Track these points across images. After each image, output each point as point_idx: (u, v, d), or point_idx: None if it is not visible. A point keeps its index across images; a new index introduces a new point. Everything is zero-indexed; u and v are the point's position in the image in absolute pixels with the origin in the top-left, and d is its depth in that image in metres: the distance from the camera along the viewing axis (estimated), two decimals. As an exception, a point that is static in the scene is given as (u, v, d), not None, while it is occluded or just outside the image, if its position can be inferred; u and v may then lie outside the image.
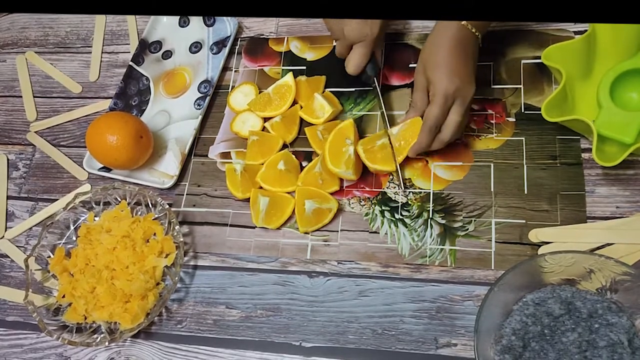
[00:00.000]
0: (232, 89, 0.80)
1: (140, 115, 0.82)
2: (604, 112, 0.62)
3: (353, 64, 0.70)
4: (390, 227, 0.67)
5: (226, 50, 0.82)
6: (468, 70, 0.64)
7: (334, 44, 0.80)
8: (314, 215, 0.68)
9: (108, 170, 0.78)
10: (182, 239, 0.69)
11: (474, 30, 0.65)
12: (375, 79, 0.72)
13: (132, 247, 0.69)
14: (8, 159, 0.85)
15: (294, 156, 0.72)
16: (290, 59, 0.81)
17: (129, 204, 0.74)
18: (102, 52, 0.90)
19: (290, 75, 0.76)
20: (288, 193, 0.71)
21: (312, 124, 0.74)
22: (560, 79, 0.63)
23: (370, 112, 0.74)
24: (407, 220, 0.67)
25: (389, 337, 0.62)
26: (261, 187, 0.72)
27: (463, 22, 0.64)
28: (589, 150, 0.65)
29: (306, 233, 0.69)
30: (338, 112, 0.75)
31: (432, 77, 0.64)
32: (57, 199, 0.80)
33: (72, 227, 0.74)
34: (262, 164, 0.73)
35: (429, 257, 0.65)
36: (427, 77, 0.65)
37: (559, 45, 0.65)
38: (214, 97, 0.81)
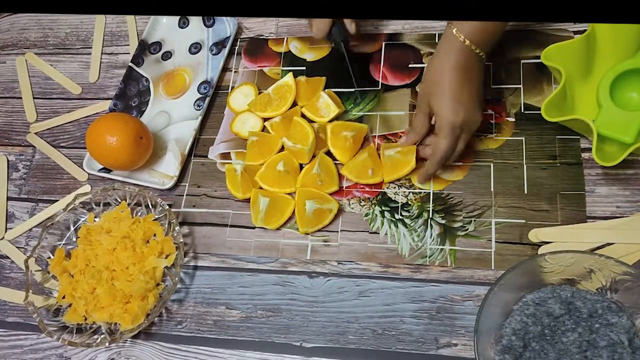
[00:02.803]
0: (231, 89, 0.80)
1: (140, 116, 0.82)
2: (604, 112, 0.62)
3: (315, 27, 0.69)
4: (390, 227, 0.67)
5: (226, 51, 0.82)
6: (473, 98, 0.62)
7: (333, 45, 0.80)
8: (314, 215, 0.68)
9: (108, 171, 0.78)
10: (182, 240, 0.69)
11: (477, 51, 0.62)
12: (342, 44, 0.71)
13: (132, 248, 0.69)
14: (8, 160, 0.85)
15: (294, 158, 0.72)
16: (289, 59, 0.81)
17: (129, 204, 0.74)
18: (101, 53, 0.90)
19: (290, 76, 0.76)
20: (288, 194, 0.71)
21: (314, 122, 0.74)
22: (560, 79, 0.63)
23: (370, 113, 0.74)
24: (407, 221, 0.67)
25: (389, 337, 0.62)
26: (261, 188, 0.72)
27: (466, 43, 0.61)
28: (589, 150, 0.65)
29: (306, 234, 0.69)
30: (341, 113, 0.75)
31: (436, 108, 0.62)
32: (57, 200, 0.80)
33: (72, 228, 0.74)
34: (262, 164, 0.73)
35: (429, 257, 0.65)
36: (431, 106, 0.63)
37: (558, 45, 0.65)
38: (213, 97, 0.81)
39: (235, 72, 0.82)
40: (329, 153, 0.72)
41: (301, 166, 0.72)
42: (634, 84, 0.64)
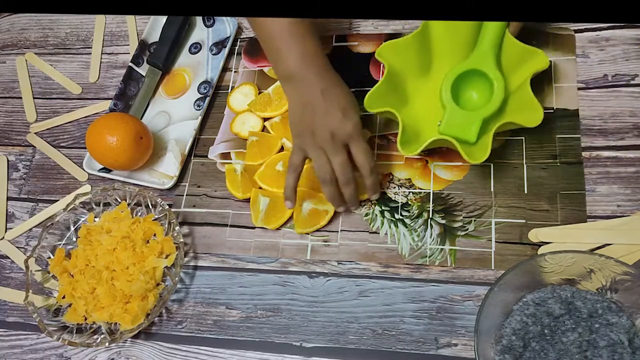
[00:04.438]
0: (231, 89, 0.80)
1: (140, 117, 0.82)
2: (448, 113, 0.64)
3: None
4: (390, 227, 0.67)
5: (226, 51, 0.82)
6: (321, 112, 0.61)
7: (335, 43, 0.80)
8: (310, 216, 0.68)
9: (108, 171, 0.78)
10: (182, 240, 0.69)
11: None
12: None
13: (132, 248, 0.69)
14: (8, 160, 0.85)
15: None
16: (290, 59, 0.81)
17: (129, 204, 0.74)
18: (101, 53, 0.90)
19: (290, 76, 0.76)
20: None
21: None
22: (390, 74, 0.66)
23: (369, 113, 0.74)
24: (407, 221, 0.67)
25: (389, 337, 0.62)
26: (260, 187, 0.72)
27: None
28: (589, 149, 0.65)
29: (304, 234, 0.69)
30: None
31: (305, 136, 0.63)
32: (57, 200, 0.80)
33: (72, 228, 0.74)
34: (262, 164, 0.73)
35: (429, 257, 0.65)
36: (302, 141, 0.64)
37: (391, 42, 0.67)
38: (213, 97, 0.81)
39: (235, 72, 0.82)
40: None
41: None
42: (473, 83, 0.65)
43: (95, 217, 0.74)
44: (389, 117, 0.68)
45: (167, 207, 0.71)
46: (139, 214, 0.74)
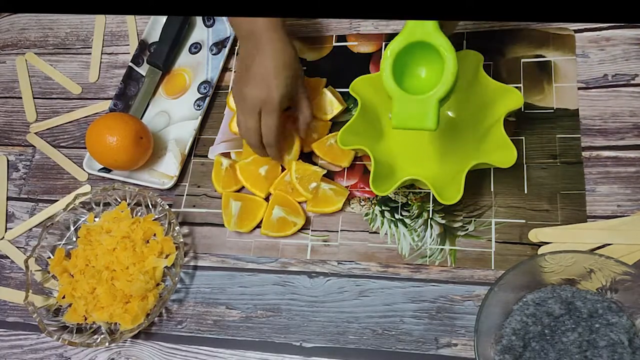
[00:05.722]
0: (231, 89, 0.80)
1: (140, 117, 0.82)
2: (396, 103, 0.53)
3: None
4: (390, 227, 0.67)
5: (226, 51, 0.82)
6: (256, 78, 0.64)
7: (335, 43, 0.80)
8: (278, 222, 0.69)
9: (108, 171, 0.78)
10: (182, 240, 0.69)
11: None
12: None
13: (132, 248, 0.69)
14: (8, 160, 0.85)
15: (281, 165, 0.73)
16: (290, 59, 0.81)
17: (129, 204, 0.74)
18: (101, 53, 0.90)
19: (290, 76, 0.76)
20: (260, 197, 0.72)
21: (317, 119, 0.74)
22: (361, 108, 0.67)
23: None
24: (407, 220, 0.67)
25: (389, 337, 0.63)
26: (239, 191, 0.72)
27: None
28: (590, 149, 0.65)
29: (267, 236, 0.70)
30: (343, 110, 0.75)
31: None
32: (57, 200, 0.80)
33: (72, 228, 0.74)
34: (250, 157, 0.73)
35: (429, 257, 0.65)
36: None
37: (364, 77, 0.69)
38: (213, 97, 0.81)
39: (235, 72, 0.82)
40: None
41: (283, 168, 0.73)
42: (419, 59, 0.55)
43: (95, 217, 0.74)
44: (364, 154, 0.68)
45: (167, 207, 0.71)
46: (139, 214, 0.74)
